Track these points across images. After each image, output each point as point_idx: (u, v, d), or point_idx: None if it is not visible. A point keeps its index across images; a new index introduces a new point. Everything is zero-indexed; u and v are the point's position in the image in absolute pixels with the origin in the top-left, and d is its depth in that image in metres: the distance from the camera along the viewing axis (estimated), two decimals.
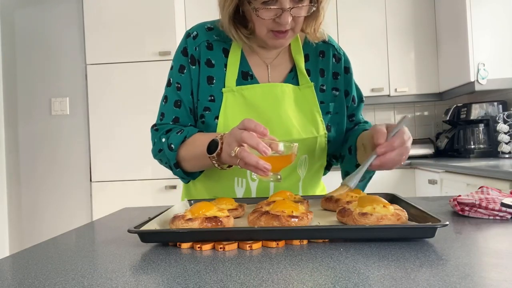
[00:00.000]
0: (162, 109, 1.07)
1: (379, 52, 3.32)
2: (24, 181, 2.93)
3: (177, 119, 1.04)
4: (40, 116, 2.93)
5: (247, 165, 0.76)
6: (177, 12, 2.89)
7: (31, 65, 2.95)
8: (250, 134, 0.75)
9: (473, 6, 2.76)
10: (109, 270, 0.53)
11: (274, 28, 0.94)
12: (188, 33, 1.06)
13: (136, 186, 2.79)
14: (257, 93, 1.02)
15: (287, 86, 1.03)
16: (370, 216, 0.64)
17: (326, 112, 1.06)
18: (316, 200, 0.91)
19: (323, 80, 1.08)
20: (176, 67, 1.06)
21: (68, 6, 2.93)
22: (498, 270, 0.47)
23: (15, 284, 0.49)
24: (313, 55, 1.09)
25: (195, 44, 1.04)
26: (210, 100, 1.03)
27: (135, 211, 1.04)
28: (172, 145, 0.98)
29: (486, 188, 0.86)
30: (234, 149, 0.77)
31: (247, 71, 1.05)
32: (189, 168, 1.02)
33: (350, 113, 1.13)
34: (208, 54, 1.04)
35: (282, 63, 1.08)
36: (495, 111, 2.93)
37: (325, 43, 1.11)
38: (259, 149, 0.73)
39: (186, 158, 0.98)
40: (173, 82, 1.06)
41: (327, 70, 1.09)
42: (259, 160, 0.74)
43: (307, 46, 1.09)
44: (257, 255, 0.57)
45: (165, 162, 1.03)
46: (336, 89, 1.09)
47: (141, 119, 2.77)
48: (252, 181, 1.03)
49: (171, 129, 1.02)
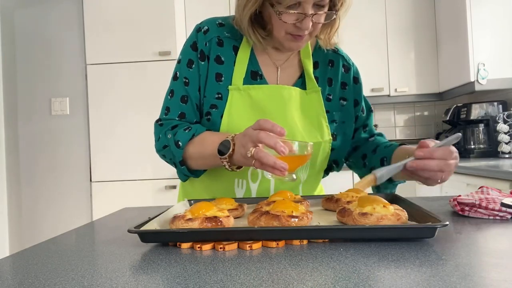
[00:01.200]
0: (167, 103, 1.03)
1: (379, 52, 3.32)
2: (24, 181, 2.93)
3: (183, 115, 1.02)
4: (40, 116, 2.93)
5: (263, 165, 0.75)
6: (177, 12, 2.89)
7: (31, 65, 2.95)
8: (267, 134, 0.75)
9: (473, 6, 2.76)
10: (109, 270, 0.53)
11: (294, 32, 0.94)
12: (199, 27, 1.04)
13: (136, 186, 2.79)
14: (264, 93, 1.00)
15: (295, 90, 1.02)
16: (370, 216, 0.63)
17: (331, 121, 1.06)
18: (316, 200, 0.91)
19: (330, 89, 1.07)
20: (185, 61, 1.03)
21: (68, 6, 2.93)
22: (498, 270, 0.47)
23: (15, 284, 0.49)
24: (322, 63, 1.08)
25: (205, 40, 1.02)
26: (217, 98, 1.00)
27: (135, 211, 1.03)
28: (180, 142, 0.96)
29: (486, 188, 0.86)
30: (250, 150, 0.76)
31: (256, 70, 1.03)
32: (194, 167, 0.99)
33: (363, 123, 1.13)
34: (218, 51, 1.01)
35: (291, 67, 1.07)
36: (495, 111, 2.93)
37: (335, 53, 1.10)
38: (277, 148, 0.73)
39: (194, 156, 0.96)
40: (180, 76, 1.03)
41: (336, 79, 1.08)
42: (277, 160, 0.73)
43: (317, 53, 1.09)
44: (257, 255, 0.57)
45: (169, 158, 1.01)
46: (344, 99, 1.09)
47: (141, 119, 2.77)
48: (253, 182, 1.02)
49: (177, 125, 0.99)
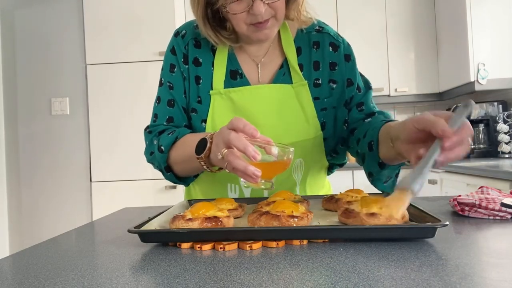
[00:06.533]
0: (155, 110, 1.02)
1: (379, 52, 3.32)
2: (24, 181, 2.93)
3: (171, 119, 1.00)
4: (40, 116, 2.93)
5: (235, 170, 0.67)
6: (177, 12, 2.89)
7: (31, 65, 2.95)
8: (238, 135, 0.67)
9: (473, 6, 2.76)
10: (109, 270, 0.53)
11: (252, 21, 0.87)
12: (177, 32, 1.03)
13: (136, 186, 2.79)
14: (245, 96, 0.97)
15: (276, 87, 0.97)
16: (379, 217, 0.63)
17: (321, 109, 0.99)
18: (316, 200, 0.90)
19: (318, 73, 1.00)
20: (167, 66, 1.02)
21: (68, 6, 2.93)
22: (498, 270, 0.47)
23: (15, 284, 0.49)
24: (306, 48, 1.01)
25: (184, 43, 1.00)
26: (198, 102, 0.98)
27: (135, 211, 1.03)
28: (162, 147, 0.92)
29: (486, 188, 0.86)
30: (221, 151, 0.68)
31: (236, 69, 0.99)
32: (180, 172, 0.95)
33: (358, 101, 1.01)
34: (196, 53, 1.00)
35: (272, 60, 1.01)
36: (495, 111, 2.93)
37: (320, 33, 1.01)
38: (247, 153, 0.65)
39: (177, 161, 0.92)
40: (164, 82, 1.02)
41: (323, 61, 1.00)
42: (248, 165, 0.65)
43: (300, 38, 1.01)
44: (257, 255, 0.57)
45: (157, 165, 0.97)
46: (333, 81, 1.00)
47: (141, 119, 2.75)
48: (245, 187, 0.98)
49: (164, 130, 0.97)
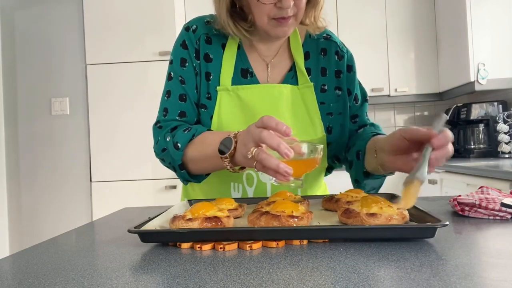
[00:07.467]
0: (164, 104, 0.99)
1: (379, 52, 3.32)
2: (24, 181, 2.93)
3: (183, 114, 0.97)
4: (40, 116, 2.92)
5: (265, 169, 0.67)
6: (177, 12, 2.89)
7: (31, 65, 2.95)
8: (270, 133, 0.66)
9: (473, 6, 2.76)
10: (109, 270, 0.53)
11: (276, 15, 0.88)
12: (188, 26, 1.02)
13: (136, 186, 2.79)
14: (254, 94, 0.97)
15: (285, 87, 0.99)
16: (379, 217, 0.63)
17: (327, 113, 1.01)
18: (316, 200, 0.90)
19: (325, 79, 1.02)
20: (177, 60, 1.00)
21: (68, 6, 2.93)
22: (498, 270, 0.47)
23: (15, 284, 0.49)
24: (314, 53, 1.03)
25: (195, 38, 0.99)
26: (207, 98, 0.97)
27: (135, 211, 1.03)
28: (179, 144, 0.90)
29: (486, 188, 0.86)
30: (251, 150, 0.68)
31: (246, 68, 1.00)
32: (195, 170, 0.93)
33: (353, 113, 1.05)
34: (207, 48, 0.99)
35: (281, 61, 1.03)
36: (495, 111, 2.93)
37: (327, 40, 1.05)
38: (280, 150, 0.65)
39: (194, 158, 0.90)
40: (174, 75, 0.99)
41: (329, 68, 1.03)
42: (280, 163, 0.65)
43: (308, 43, 1.04)
44: (257, 255, 0.57)
45: (168, 162, 0.95)
46: (339, 88, 1.03)
47: (141, 119, 2.77)
48: (248, 186, 0.98)
49: (177, 127, 0.95)
